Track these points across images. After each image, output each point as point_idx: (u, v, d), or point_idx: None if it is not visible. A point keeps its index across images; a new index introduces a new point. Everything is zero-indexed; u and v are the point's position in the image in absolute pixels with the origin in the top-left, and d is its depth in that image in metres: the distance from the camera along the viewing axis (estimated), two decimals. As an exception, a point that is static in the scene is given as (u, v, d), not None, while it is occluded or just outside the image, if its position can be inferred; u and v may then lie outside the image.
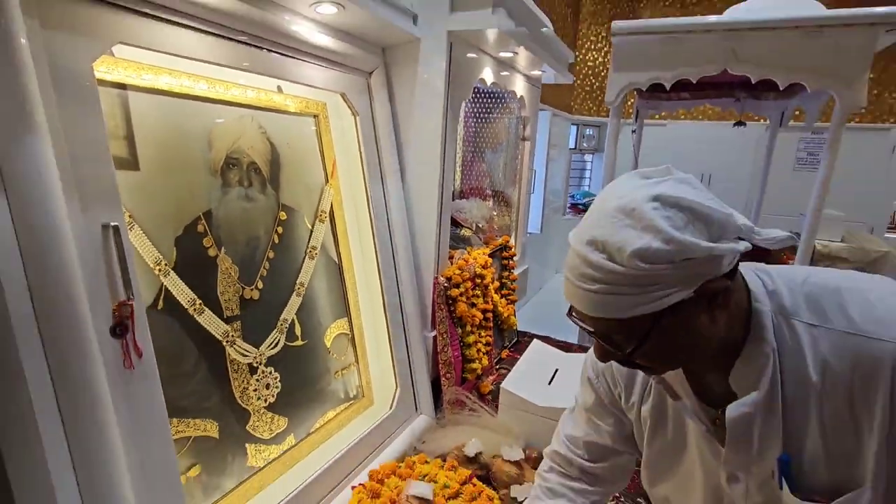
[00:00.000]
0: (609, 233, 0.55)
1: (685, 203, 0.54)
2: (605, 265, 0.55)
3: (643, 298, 0.55)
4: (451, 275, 1.44)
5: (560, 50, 1.82)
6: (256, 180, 1.09)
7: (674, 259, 0.53)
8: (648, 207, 0.54)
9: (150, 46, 0.78)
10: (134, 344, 0.69)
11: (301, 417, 1.14)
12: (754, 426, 0.62)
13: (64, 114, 0.63)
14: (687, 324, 0.58)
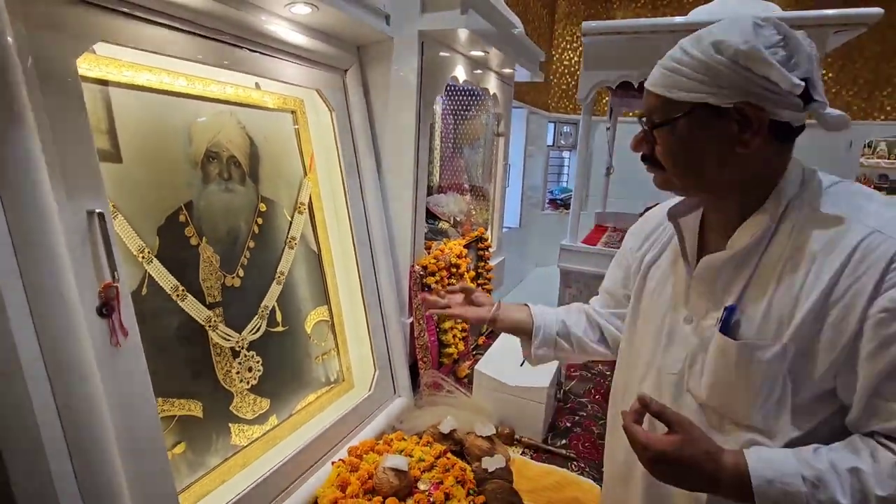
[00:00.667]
0: (712, 30, 0.64)
1: (786, 29, 0.63)
2: (688, 49, 0.64)
3: (693, 85, 0.63)
4: (427, 264, 1.51)
5: (530, 49, 1.90)
6: (236, 173, 1.14)
7: (742, 59, 0.60)
8: (753, 21, 0.63)
9: (131, 44, 0.82)
10: (120, 323, 0.73)
11: (283, 399, 1.19)
12: (718, 278, 0.72)
13: (49, 108, 0.68)
14: (709, 131, 0.65)
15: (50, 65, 0.68)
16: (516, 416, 1.38)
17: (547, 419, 1.40)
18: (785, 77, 0.60)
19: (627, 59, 2.55)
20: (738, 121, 0.64)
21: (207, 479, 0.98)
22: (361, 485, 1.04)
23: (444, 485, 1.07)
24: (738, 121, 0.64)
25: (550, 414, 1.45)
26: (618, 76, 2.60)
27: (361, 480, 1.05)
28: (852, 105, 4.34)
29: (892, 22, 4.16)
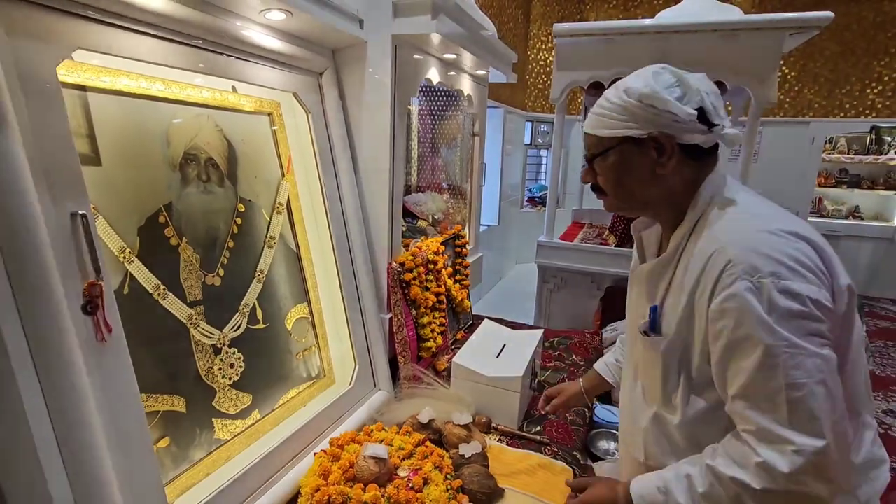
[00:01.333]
0: (625, 80, 0.82)
1: (685, 76, 0.79)
2: (609, 97, 0.82)
3: (616, 123, 0.80)
4: (405, 260, 1.55)
5: (502, 52, 1.96)
6: (214, 175, 1.16)
7: (645, 99, 0.77)
8: (655, 68, 0.81)
9: (109, 51, 0.85)
10: (104, 320, 0.76)
11: (265, 395, 1.23)
12: (650, 282, 0.89)
13: (31, 113, 0.70)
14: (634, 158, 0.82)
15: (31, 72, 0.71)
16: (493, 405, 1.44)
17: (522, 408, 1.46)
18: (681, 109, 0.76)
19: (598, 60, 2.64)
20: (655, 147, 0.80)
21: (192, 472, 1.01)
22: (343, 473, 1.08)
23: (422, 470, 1.12)
24: (655, 147, 0.80)
25: (526, 402, 1.51)
26: (589, 76, 2.69)
27: (343, 469, 1.09)
28: (814, 103, 4.53)
29: (849, 24, 4.37)
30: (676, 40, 2.45)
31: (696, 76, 0.80)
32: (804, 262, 0.71)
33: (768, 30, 2.26)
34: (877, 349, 3.35)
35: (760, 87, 2.36)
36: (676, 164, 0.81)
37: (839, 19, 4.00)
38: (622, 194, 0.87)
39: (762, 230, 0.74)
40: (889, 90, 4.34)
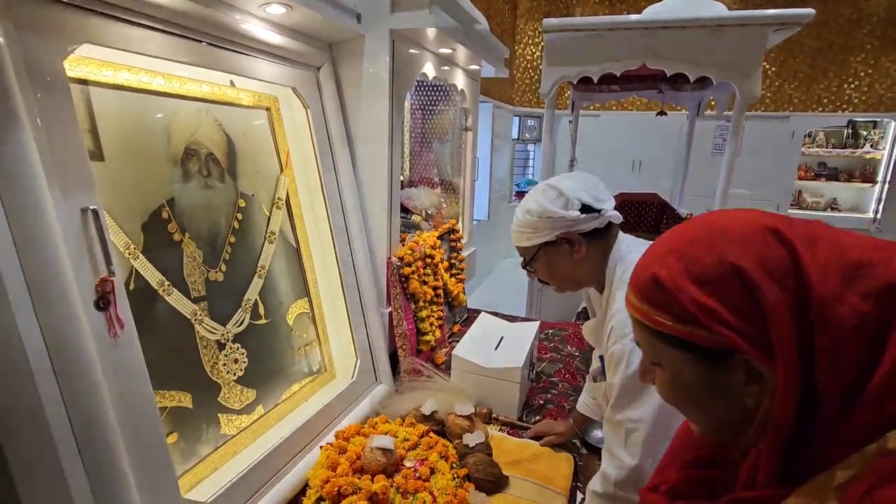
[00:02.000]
0: (527, 203, 1.03)
1: (558, 186, 1.01)
2: (519, 217, 1.05)
3: (530, 236, 1.03)
4: (403, 255, 1.56)
5: (495, 46, 1.97)
6: (215, 170, 1.16)
7: (541, 215, 1.00)
8: (541, 187, 1.03)
9: (114, 45, 0.84)
10: (116, 316, 0.76)
11: (268, 390, 1.23)
12: (595, 334, 1.10)
13: (40, 108, 0.69)
14: (555, 257, 1.04)
15: (39, 66, 0.70)
16: (493, 396, 1.46)
17: (521, 398, 1.49)
18: (567, 213, 0.99)
19: (587, 55, 2.67)
20: (566, 242, 1.02)
21: (201, 467, 1.01)
22: (350, 465, 1.09)
23: (428, 460, 1.13)
24: (567, 242, 1.01)
25: (524, 393, 1.53)
26: (578, 71, 2.71)
27: (350, 461, 1.10)
28: (794, 98, 4.64)
29: (828, 20, 4.48)
30: (663, 36, 2.49)
31: (572, 182, 1.01)
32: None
33: (752, 26, 2.31)
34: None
35: (745, 82, 2.41)
36: (587, 248, 1.02)
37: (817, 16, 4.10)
38: (560, 283, 1.10)
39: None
40: (865, 85, 4.47)
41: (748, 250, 0.40)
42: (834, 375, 0.37)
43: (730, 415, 0.44)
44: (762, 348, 0.39)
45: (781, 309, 0.38)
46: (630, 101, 5.06)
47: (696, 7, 2.62)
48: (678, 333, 0.43)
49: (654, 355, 0.48)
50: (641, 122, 4.96)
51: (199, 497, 0.91)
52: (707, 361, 0.43)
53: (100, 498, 0.70)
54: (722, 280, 0.40)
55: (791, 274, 0.38)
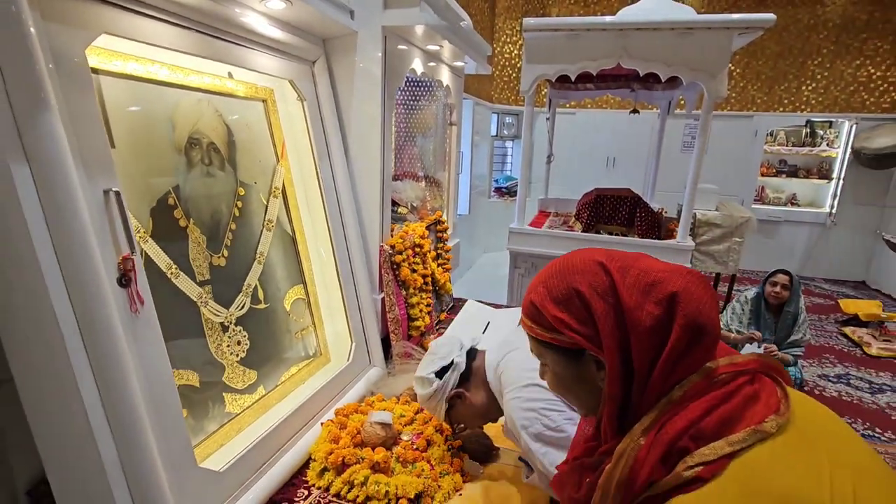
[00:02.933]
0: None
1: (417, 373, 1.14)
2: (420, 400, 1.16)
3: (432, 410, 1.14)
4: (395, 243, 1.62)
5: (479, 43, 2.04)
6: (216, 159, 1.20)
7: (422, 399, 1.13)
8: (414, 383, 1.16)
9: (128, 35, 0.87)
10: (137, 293, 0.80)
11: (269, 371, 1.28)
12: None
13: (65, 94, 0.73)
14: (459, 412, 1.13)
15: (63, 54, 0.73)
16: (482, 376, 1.53)
17: (508, 377, 1.57)
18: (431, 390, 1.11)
19: (565, 54, 2.77)
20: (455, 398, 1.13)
21: (209, 442, 1.05)
22: (351, 439, 1.16)
23: (424, 434, 1.20)
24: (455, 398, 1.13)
25: (511, 373, 1.62)
26: (556, 70, 2.81)
27: (351, 435, 1.16)
28: (756, 98, 4.88)
29: (787, 25, 4.72)
30: (636, 37, 2.61)
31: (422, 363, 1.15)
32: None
33: (719, 29, 2.45)
34: (812, 322, 3.71)
35: (712, 82, 2.56)
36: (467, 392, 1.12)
37: (778, 21, 4.31)
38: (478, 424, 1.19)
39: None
40: (821, 87, 4.73)
41: (584, 279, 0.57)
42: (641, 358, 0.54)
43: (591, 396, 0.62)
44: (597, 345, 0.56)
45: (605, 317, 0.55)
46: (604, 100, 5.22)
47: (667, 10, 2.76)
48: (548, 339, 0.61)
49: (540, 357, 0.66)
50: (615, 120, 5.12)
51: (211, 468, 0.96)
52: (569, 358, 0.61)
53: (126, 461, 0.74)
54: (569, 299, 0.58)
55: (610, 292, 0.56)
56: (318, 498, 1.04)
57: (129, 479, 0.75)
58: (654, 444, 0.52)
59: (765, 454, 0.49)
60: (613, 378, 0.56)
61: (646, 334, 0.53)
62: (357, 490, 1.02)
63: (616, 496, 0.53)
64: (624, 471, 0.53)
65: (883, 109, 4.61)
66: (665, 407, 0.53)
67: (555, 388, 0.68)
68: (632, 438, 0.54)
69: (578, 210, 3.40)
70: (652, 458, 0.51)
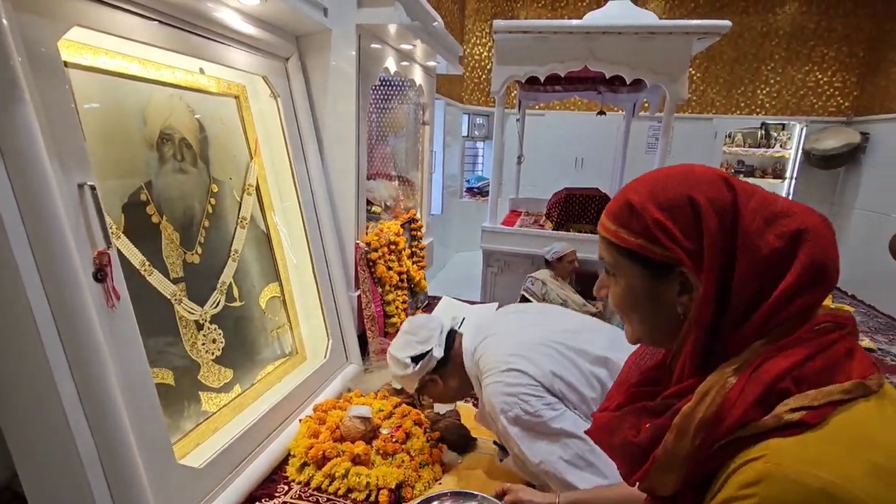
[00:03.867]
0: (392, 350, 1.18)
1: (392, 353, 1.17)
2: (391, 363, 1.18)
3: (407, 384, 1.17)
4: (371, 240, 1.64)
5: (451, 43, 2.08)
6: (188, 155, 1.18)
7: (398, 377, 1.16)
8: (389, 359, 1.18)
9: (100, 28, 0.86)
10: (113, 288, 0.79)
11: (245, 370, 1.27)
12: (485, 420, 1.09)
13: (39, 87, 0.72)
14: (432, 392, 1.16)
15: (36, 46, 0.72)
16: (458, 369, 1.56)
17: (484, 371, 1.60)
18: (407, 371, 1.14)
19: (534, 56, 2.84)
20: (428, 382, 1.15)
21: (185, 441, 1.04)
22: (331, 434, 1.16)
23: (403, 427, 1.22)
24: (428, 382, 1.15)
25: (486, 367, 1.65)
26: (526, 71, 2.88)
27: (330, 430, 1.17)
28: (715, 101, 5.10)
29: (742, 32, 4.96)
30: (602, 40, 2.70)
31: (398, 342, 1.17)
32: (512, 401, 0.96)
33: (679, 34, 2.57)
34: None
35: (673, 85, 2.67)
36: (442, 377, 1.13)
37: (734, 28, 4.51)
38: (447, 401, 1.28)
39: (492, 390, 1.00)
40: (774, 91, 5.00)
41: (703, 189, 0.52)
42: (744, 289, 0.50)
43: (663, 320, 0.57)
44: (696, 262, 0.51)
45: (717, 234, 0.50)
46: (572, 102, 5.34)
47: (631, 15, 2.86)
48: (636, 247, 0.55)
49: (613, 267, 0.60)
50: (583, 121, 5.25)
51: (191, 465, 0.95)
52: (653, 273, 0.55)
53: (105, 456, 0.73)
54: (678, 206, 0.52)
55: (730, 210, 0.51)
56: (298, 492, 1.05)
57: (109, 475, 0.75)
58: (749, 382, 0.47)
59: (871, 408, 0.47)
60: (706, 303, 0.51)
61: (758, 265, 0.49)
62: (338, 482, 1.04)
63: (696, 436, 0.48)
64: (710, 409, 0.48)
65: (829, 113, 4.90)
66: (761, 348, 0.49)
67: (620, 304, 0.61)
68: (721, 376, 0.49)
69: (549, 209, 3.48)
70: (747, 397, 0.47)
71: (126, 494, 0.77)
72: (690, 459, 0.49)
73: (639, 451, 0.54)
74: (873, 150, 4.43)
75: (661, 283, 0.55)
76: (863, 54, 4.70)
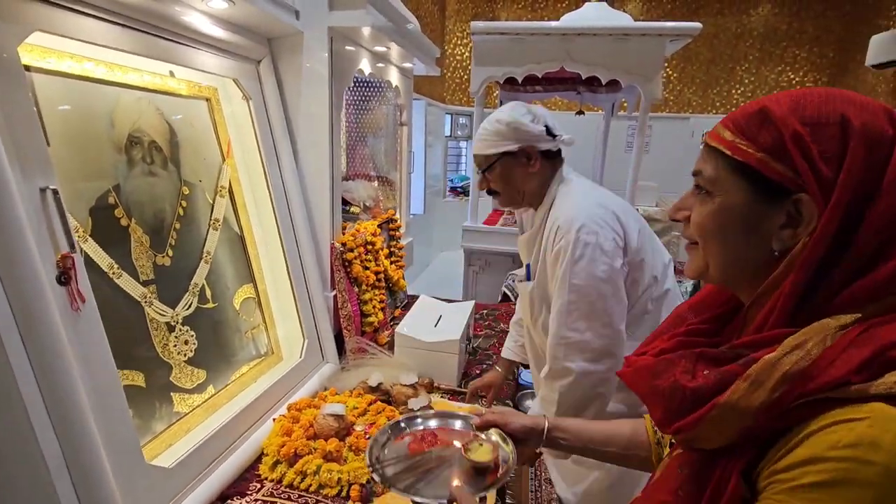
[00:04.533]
0: (499, 114, 1.22)
1: (532, 108, 1.22)
2: (486, 126, 1.22)
3: (495, 143, 1.20)
4: (346, 241, 1.65)
5: (426, 45, 2.10)
6: (158, 157, 1.19)
7: (510, 125, 1.18)
8: (512, 104, 1.24)
9: (63, 33, 0.86)
10: (77, 290, 0.80)
11: (218, 371, 1.28)
12: (526, 247, 1.31)
13: None
14: (512, 167, 1.22)
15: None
16: (434, 367, 1.59)
17: (460, 368, 1.63)
18: (534, 127, 1.19)
19: (512, 57, 2.88)
20: (525, 155, 1.21)
21: (156, 442, 1.05)
22: (304, 432, 1.18)
23: (377, 423, 1.24)
24: (525, 155, 1.21)
25: (462, 364, 1.68)
26: (504, 72, 2.91)
27: (304, 428, 1.18)
28: (692, 101, 5.22)
29: (717, 33, 5.07)
30: (578, 42, 2.75)
31: (539, 108, 1.24)
32: (600, 222, 1.10)
33: (652, 36, 2.62)
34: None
35: (648, 85, 2.73)
36: (540, 164, 1.22)
37: (709, 29, 4.58)
38: (510, 192, 1.27)
39: (577, 206, 1.15)
40: (748, 91, 5.12)
41: (861, 113, 0.45)
42: (871, 235, 0.44)
43: (752, 254, 0.50)
44: (824, 192, 0.45)
45: (861, 167, 0.43)
46: (552, 102, 5.41)
47: (606, 17, 2.91)
48: (755, 162, 0.48)
49: (711, 184, 0.53)
50: (563, 121, 5.24)
51: (160, 465, 0.96)
52: (761, 194, 0.48)
53: (70, 459, 0.74)
54: (826, 125, 0.45)
55: (886, 145, 0.44)
56: (270, 490, 1.06)
57: (75, 478, 0.75)
58: (855, 343, 0.43)
59: None
60: (821, 240, 0.44)
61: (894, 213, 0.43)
62: (310, 479, 1.05)
63: (777, 389, 0.43)
64: (802, 363, 0.43)
65: (802, 112, 5.04)
66: (879, 310, 0.44)
67: (704, 226, 0.54)
68: (822, 329, 0.44)
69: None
70: (852, 357, 0.42)
71: (94, 497, 0.77)
72: (762, 412, 0.44)
73: (693, 397, 0.48)
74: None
75: (767, 209, 0.48)
76: (833, 55, 4.84)
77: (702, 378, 0.49)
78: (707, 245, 0.55)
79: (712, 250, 0.54)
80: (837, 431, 0.41)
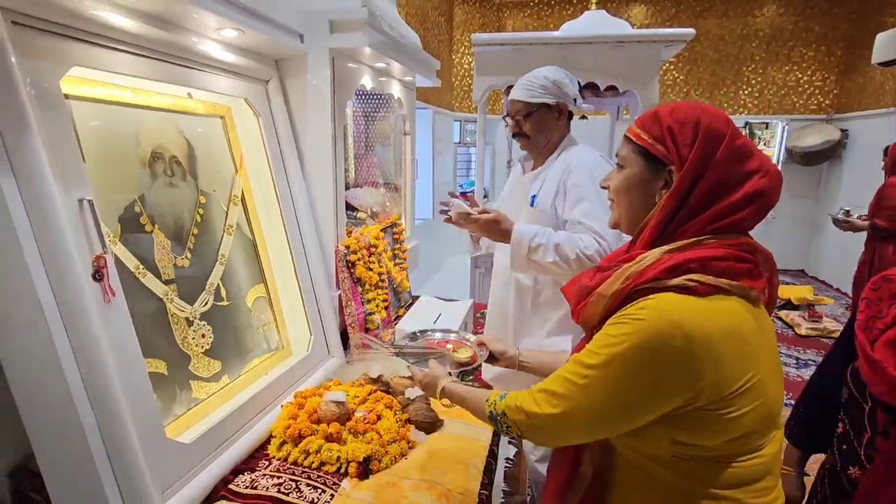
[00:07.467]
0: (545, 71, 1.57)
1: (571, 77, 1.59)
2: (535, 78, 1.56)
3: (539, 94, 1.54)
4: (350, 244, 1.77)
5: (425, 59, 2.22)
6: (178, 170, 1.33)
7: (555, 83, 1.53)
8: (555, 68, 1.60)
9: (96, 66, 1.01)
10: (109, 286, 0.93)
11: (232, 362, 1.41)
12: (531, 182, 1.65)
13: (44, 119, 0.86)
14: (546, 117, 1.56)
15: (41, 85, 0.86)
16: (432, 361, 1.69)
17: (457, 362, 1.73)
18: (573, 90, 1.56)
19: (512, 66, 2.99)
20: (557, 111, 1.57)
21: (177, 423, 1.18)
22: (308, 417, 1.29)
23: (375, 410, 1.35)
24: (558, 110, 1.57)
25: (460, 359, 1.78)
26: (504, 81, 3.03)
27: (308, 414, 1.30)
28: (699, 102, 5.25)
29: (723, 35, 5.09)
30: (576, 50, 2.85)
31: (572, 77, 1.58)
32: (604, 167, 1.47)
33: (647, 42, 2.71)
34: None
35: (644, 90, 2.81)
36: (565, 120, 1.57)
37: (714, 31, 4.61)
38: (538, 136, 1.58)
39: (588, 154, 1.56)
40: (756, 91, 5.12)
41: (710, 119, 0.70)
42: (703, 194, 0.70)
43: (644, 208, 0.77)
44: (681, 165, 0.71)
45: (701, 150, 0.69)
46: (560, 107, 5.50)
47: (604, 25, 3.01)
48: (647, 145, 0.74)
49: (624, 160, 0.79)
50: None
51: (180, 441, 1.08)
52: (650, 165, 0.75)
53: (105, 432, 0.87)
54: (687, 123, 0.71)
55: (718, 141, 0.69)
56: (277, 466, 1.18)
57: (109, 449, 0.88)
58: (671, 258, 0.69)
59: (741, 305, 0.69)
60: (674, 195, 0.70)
61: (717, 181, 0.68)
62: (312, 457, 1.17)
63: (625, 281, 0.71)
64: (637, 266, 0.70)
65: (810, 111, 5.02)
66: (692, 245, 0.70)
67: (619, 188, 0.80)
68: (659, 251, 0.71)
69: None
70: (665, 263, 0.68)
71: (124, 465, 0.90)
72: (615, 296, 0.72)
73: (586, 290, 0.78)
74: (853, 145, 4.54)
75: (653, 176, 0.75)
76: (840, 53, 4.82)
77: (595, 279, 0.77)
78: (619, 201, 0.81)
79: (621, 205, 0.81)
80: (640, 303, 0.70)
